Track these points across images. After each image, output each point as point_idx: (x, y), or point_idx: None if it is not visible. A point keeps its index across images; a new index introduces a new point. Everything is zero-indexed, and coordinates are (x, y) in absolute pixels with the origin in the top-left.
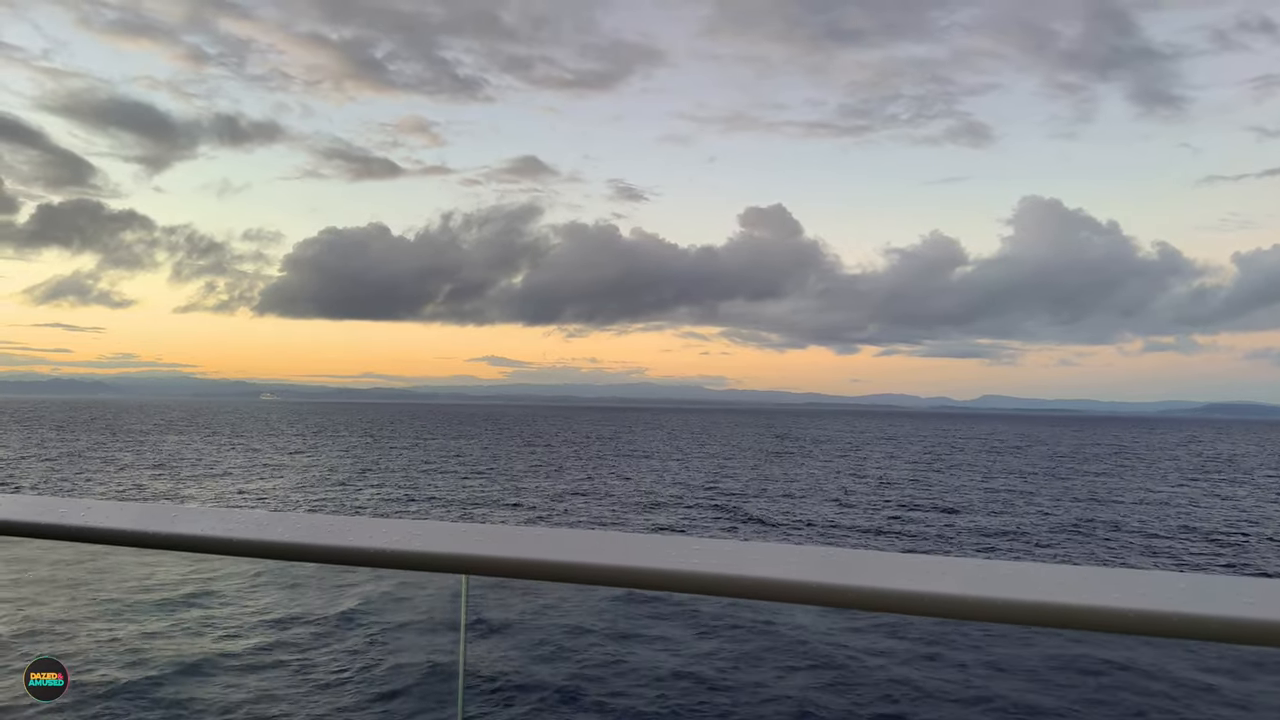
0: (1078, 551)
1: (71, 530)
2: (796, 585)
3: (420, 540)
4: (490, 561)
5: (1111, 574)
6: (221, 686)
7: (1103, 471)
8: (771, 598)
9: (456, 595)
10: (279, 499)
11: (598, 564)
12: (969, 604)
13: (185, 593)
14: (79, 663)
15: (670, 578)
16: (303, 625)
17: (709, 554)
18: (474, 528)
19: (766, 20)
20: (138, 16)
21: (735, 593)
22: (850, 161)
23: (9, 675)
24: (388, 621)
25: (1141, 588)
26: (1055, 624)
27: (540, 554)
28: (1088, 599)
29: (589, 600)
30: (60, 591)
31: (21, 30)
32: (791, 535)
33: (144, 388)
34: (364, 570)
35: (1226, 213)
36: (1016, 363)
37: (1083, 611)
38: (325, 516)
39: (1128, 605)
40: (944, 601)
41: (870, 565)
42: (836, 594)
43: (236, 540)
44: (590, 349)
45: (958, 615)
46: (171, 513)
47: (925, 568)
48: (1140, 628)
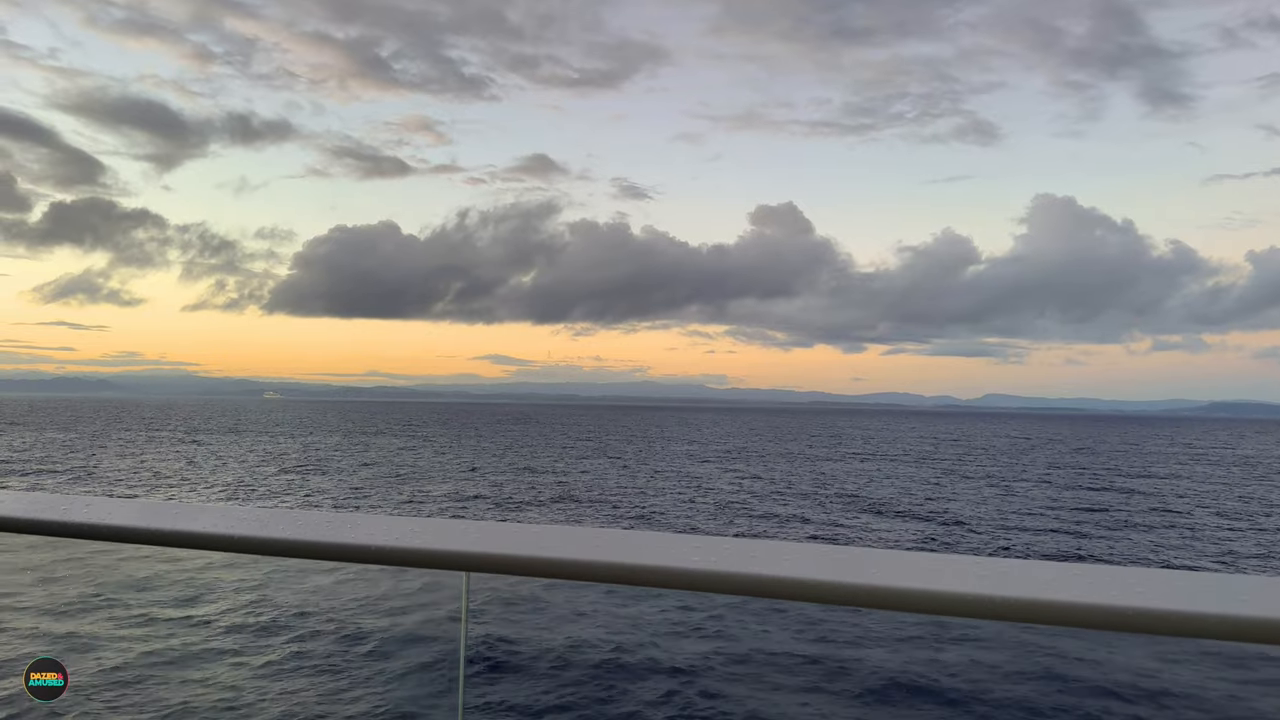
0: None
1: (73, 527)
2: (797, 583)
3: (422, 537)
4: (491, 558)
5: (1113, 572)
6: (223, 684)
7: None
8: (771, 595)
9: (458, 592)
10: (281, 497)
11: (598, 561)
12: (970, 602)
13: (187, 590)
14: (79, 661)
15: (671, 575)
16: (304, 622)
17: (709, 551)
18: (475, 524)
19: (773, 19)
20: (144, 15)
21: (734, 590)
22: (855, 160)
23: (9, 675)
24: (389, 618)
25: (1140, 585)
26: (1057, 621)
27: (541, 551)
28: (1089, 597)
29: (590, 598)
30: (61, 589)
31: (28, 29)
32: (791, 533)
33: (147, 386)
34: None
35: (1232, 211)
36: (1024, 361)
37: (1084, 609)
38: (326, 513)
39: (1127, 603)
40: (944, 600)
41: (871, 562)
42: (837, 591)
43: (238, 537)
44: (596, 347)
45: (958, 613)
46: (173, 509)
47: (925, 565)
48: (1143, 626)
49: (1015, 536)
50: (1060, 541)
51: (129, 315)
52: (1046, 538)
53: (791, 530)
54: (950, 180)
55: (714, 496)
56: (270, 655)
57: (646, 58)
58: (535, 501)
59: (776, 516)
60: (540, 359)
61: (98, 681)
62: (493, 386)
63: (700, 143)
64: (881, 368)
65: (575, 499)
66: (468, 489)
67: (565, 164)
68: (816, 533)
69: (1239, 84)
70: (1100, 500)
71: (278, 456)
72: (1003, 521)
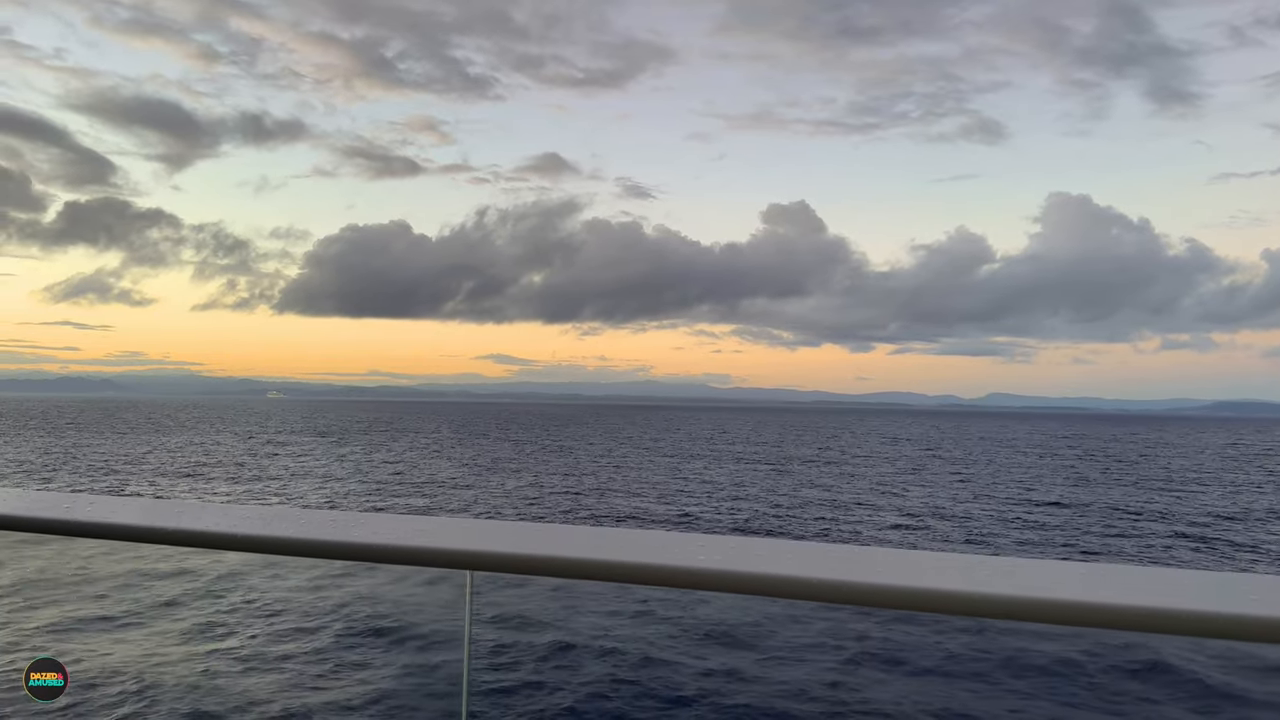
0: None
1: (76, 526)
2: (798, 581)
3: (425, 536)
4: (496, 557)
5: (1116, 570)
6: (225, 682)
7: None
8: (774, 594)
9: (461, 591)
10: (282, 495)
11: (603, 560)
12: (971, 600)
13: (190, 588)
14: (81, 661)
15: (674, 574)
16: (307, 621)
17: (713, 550)
18: (479, 523)
19: (779, 18)
20: (149, 15)
21: (738, 589)
22: (861, 159)
23: (10, 674)
24: (392, 617)
25: (1142, 583)
26: (1061, 620)
27: (545, 550)
28: (1093, 596)
29: (595, 597)
30: (63, 588)
31: (33, 29)
32: (791, 531)
33: (150, 386)
34: (369, 566)
35: (1237, 209)
36: (1031, 360)
37: (1088, 608)
38: (330, 512)
39: (1132, 601)
40: (945, 598)
41: (872, 561)
42: (837, 590)
43: (241, 536)
44: (602, 347)
45: (960, 612)
46: (176, 508)
47: (925, 563)
48: (1147, 624)
49: (1015, 537)
50: (1058, 542)
51: (136, 315)
52: (1049, 537)
53: (794, 530)
54: (956, 179)
55: (714, 496)
56: (273, 654)
57: (652, 57)
58: (539, 499)
59: (778, 516)
60: (544, 359)
61: (99, 682)
62: (495, 386)
63: (706, 142)
64: (887, 367)
65: (578, 497)
66: (470, 487)
67: (577, 163)
68: (822, 532)
69: (1246, 82)
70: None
71: (281, 454)
72: (1002, 521)
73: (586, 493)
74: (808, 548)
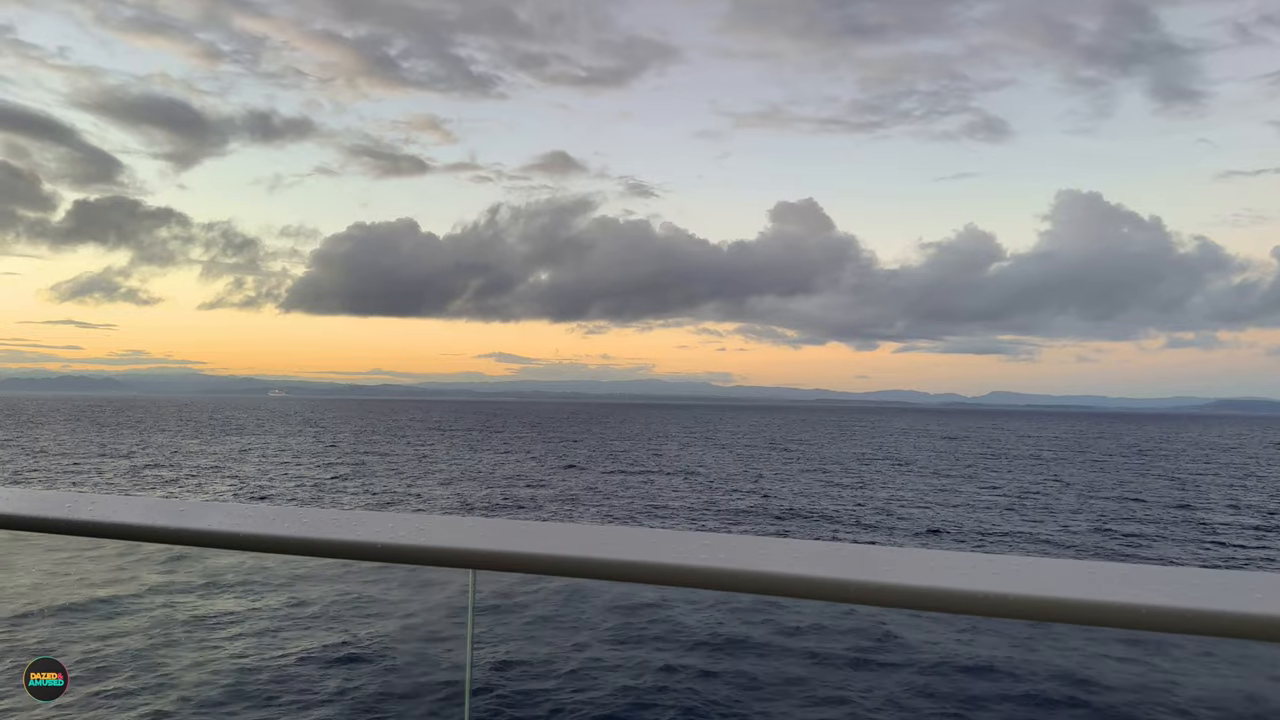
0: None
1: (79, 525)
2: (799, 580)
3: (427, 535)
4: (498, 556)
5: (1120, 569)
6: (226, 681)
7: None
8: (774, 593)
9: (464, 590)
10: (284, 494)
11: (606, 558)
12: (973, 600)
13: (192, 588)
14: (81, 661)
15: (674, 572)
16: (309, 620)
17: (714, 549)
18: (481, 522)
19: (783, 16)
20: (153, 14)
21: (738, 587)
22: (865, 157)
23: (10, 674)
24: (395, 616)
25: (1147, 582)
26: (1071, 620)
27: (548, 548)
28: (1100, 595)
29: (597, 596)
30: (65, 587)
31: (39, 28)
32: (792, 530)
33: (152, 384)
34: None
35: (1241, 207)
36: (1036, 359)
37: (1096, 607)
38: (332, 511)
39: (1135, 600)
40: (945, 597)
41: (875, 560)
42: (848, 589)
43: (243, 535)
44: (606, 345)
45: (960, 611)
46: (179, 507)
47: (929, 562)
48: (1151, 623)
49: (1018, 535)
50: (1059, 540)
51: (141, 314)
52: (1054, 536)
53: (797, 528)
54: (960, 177)
55: (713, 495)
56: (275, 654)
57: (656, 55)
58: (541, 499)
59: (779, 516)
60: (547, 357)
61: (99, 682)
62: (496, 385)
63: (710, 140)
64: (891, 365)
65: (580, 496)
66: (472, 486)
67: (583, 162)
68: (826, 531)
69: (1250, 80)
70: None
71: (283, 453)
72: (1003, 519)
73: (588, 491)
74: (810, 546)
